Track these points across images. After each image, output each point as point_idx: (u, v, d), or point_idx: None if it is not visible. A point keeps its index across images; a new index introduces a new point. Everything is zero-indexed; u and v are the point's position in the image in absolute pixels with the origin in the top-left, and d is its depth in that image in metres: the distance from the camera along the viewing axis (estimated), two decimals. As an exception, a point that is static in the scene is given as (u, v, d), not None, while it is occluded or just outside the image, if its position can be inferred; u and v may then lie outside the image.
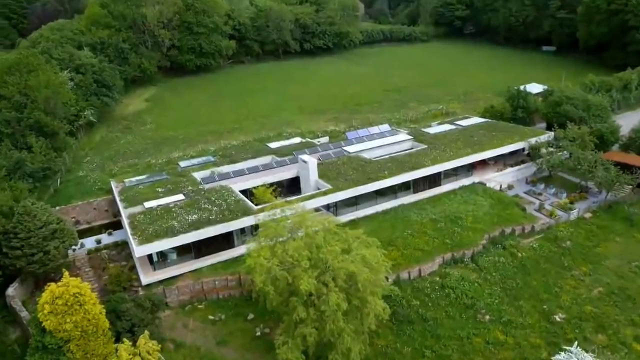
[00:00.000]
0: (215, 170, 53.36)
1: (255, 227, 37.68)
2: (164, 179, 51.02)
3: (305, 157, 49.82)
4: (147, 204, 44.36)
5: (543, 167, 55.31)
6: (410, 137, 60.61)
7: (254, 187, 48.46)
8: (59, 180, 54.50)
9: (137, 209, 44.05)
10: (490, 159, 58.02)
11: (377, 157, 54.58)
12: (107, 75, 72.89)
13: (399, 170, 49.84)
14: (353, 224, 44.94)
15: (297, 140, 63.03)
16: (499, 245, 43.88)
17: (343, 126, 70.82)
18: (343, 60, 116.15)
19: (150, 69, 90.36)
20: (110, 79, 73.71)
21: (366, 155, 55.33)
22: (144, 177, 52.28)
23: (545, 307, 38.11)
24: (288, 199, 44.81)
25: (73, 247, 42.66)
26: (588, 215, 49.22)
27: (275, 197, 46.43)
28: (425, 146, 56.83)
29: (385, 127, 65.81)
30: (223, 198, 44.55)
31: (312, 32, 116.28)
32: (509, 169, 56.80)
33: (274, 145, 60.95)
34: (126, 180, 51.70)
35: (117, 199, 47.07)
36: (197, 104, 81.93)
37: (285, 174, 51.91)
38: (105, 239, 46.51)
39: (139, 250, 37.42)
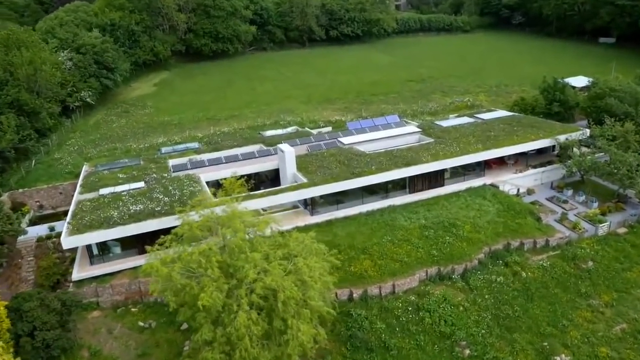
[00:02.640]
0: (192, 158, 48.72)
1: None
2: (135, 165, 47.08)
3: (283, 146, 43.95)
4: (102, 191, 40.39)
5: (573, 170, 46.33)
6: (418, 129, 53.18)
7: (224, 178, 43.17)
8: (33, 161, 51.77)
9: (90, 195, 40.09)
10: (509, 157, 49.71)
11: (375, 150, 47.80)
12: (109, 56, 69.99)
13: (390, 165, 42.83)
14: (329, 225, 38.98)
15: (292, 129, 57.39)
16: (500, 261, 36.07)
17: (351, 117, 64.29)
18: (371, 49, 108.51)
19: (164, 52, 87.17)
20: (113, 61, 70.79)
21: (364, 147, 48.64)
22: (118, 162, 48.89)
23: (545, 344, 30.26)
24: (253, 192, 39.36)
25: (21, 233, 39.49)
26: (622, 230, 40.12)
27: (248, 189, 40.94)
28: (432, 140, 49.31)
29: (393, 118, 58.55)
30: (180, 188, 39.59)
31: (340, 19, 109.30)
32: (531, 171, 48.21)
33: (266, 133, 55.69)
34: (99, 164, 48.40)
35: (79, 183, 43.45)
36: (204, 90, 77.80)
37: (266, 164, 46.47)
38: (62, 226, 42.84)
39: (66, 242, 33.05)
